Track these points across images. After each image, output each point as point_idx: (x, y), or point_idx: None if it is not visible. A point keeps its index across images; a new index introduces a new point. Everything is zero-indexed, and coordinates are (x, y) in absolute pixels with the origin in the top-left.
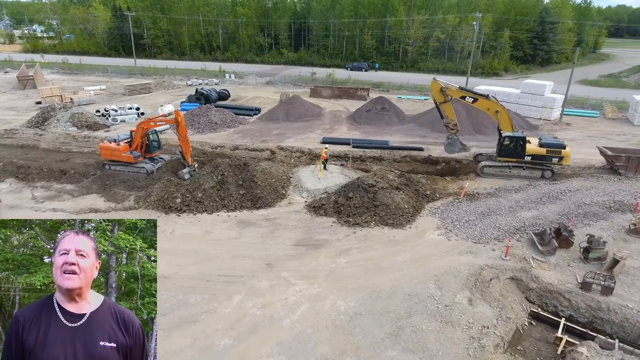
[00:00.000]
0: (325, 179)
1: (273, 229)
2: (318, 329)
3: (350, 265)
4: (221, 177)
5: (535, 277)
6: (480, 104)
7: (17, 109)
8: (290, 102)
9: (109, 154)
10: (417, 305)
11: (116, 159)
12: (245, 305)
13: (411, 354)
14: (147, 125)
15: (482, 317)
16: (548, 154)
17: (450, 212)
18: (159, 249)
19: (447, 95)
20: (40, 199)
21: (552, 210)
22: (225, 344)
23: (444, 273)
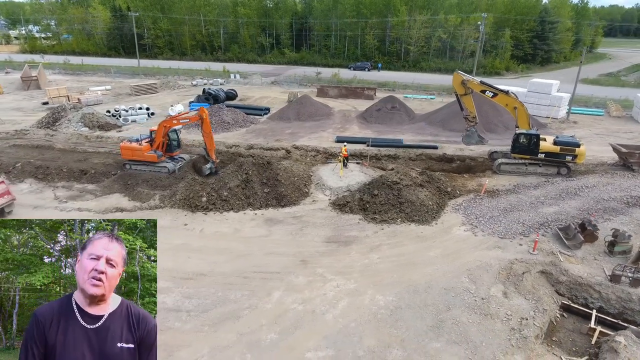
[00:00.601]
0: (346, 177)
1: (301, 227)
2: (361, 323)
3: (383, 261)
4: (245, 176)
5: (564, 271)
6: (499, 99)
7: (24, 110)
8: (301, 102)
9: (130, 154)
10: (455, 298)
11: (138, 159)
12: (286, 301)
13: (456, 346)
14: (170, 124)
15: (519, 309)
16: (562, 152)
17: (473, 208)
18: (192, 247)
19: (467, 88)
20: (63, 199)
21: (572, 206)
22: (272, 339)
23: (475, 267)
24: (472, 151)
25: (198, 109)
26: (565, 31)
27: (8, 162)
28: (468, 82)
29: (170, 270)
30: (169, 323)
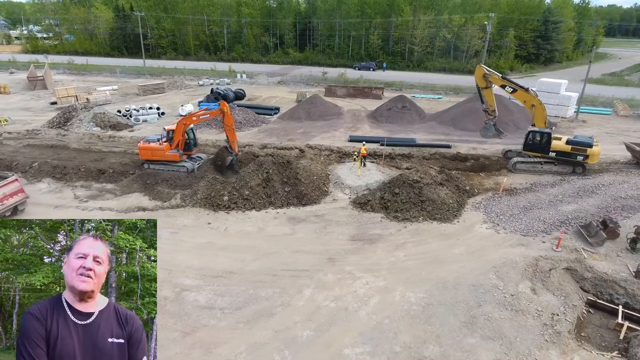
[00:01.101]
0: (364, 176)
1: (325, 225)
2: (395, 319)
3: (409, 258)
4: (266, 175)
5: (589, 267)
6: (518, 95)
7: (33, 110)
8: (311, 102)
9: (150, 154)
10: (484, 295)
11: (159, 159)
12: (317, 298)
13: (491, 341)
14: (190, 121)
15: (549, 305)
16: (572, 151)
17: (493, 206)
18: (218, 245)
19: (488, 82)
20: (83, 199)
21: (590, 204)
22: (307, 335)
23: (501, 264)
24: (485, 150)
25: (219, 103)
26: (567, 31)
27: (24, 161)
28: (489, 75)
29: (198, 269)
30: (204, 321)
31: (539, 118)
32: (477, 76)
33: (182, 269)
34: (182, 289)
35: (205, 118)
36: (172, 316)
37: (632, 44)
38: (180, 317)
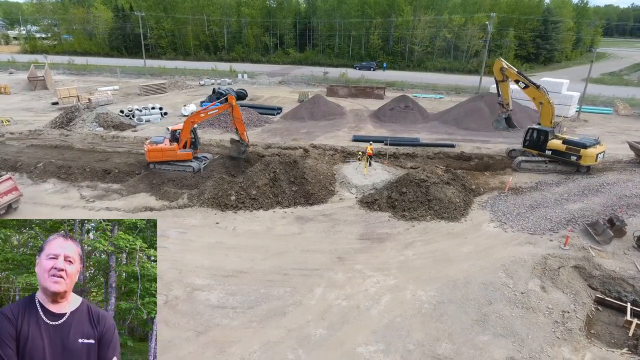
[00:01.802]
0: (370, 176)
1: (333, 224)
2: (407, 318)
3: (419, 257)
4: (273, 175)
5: (597, 265)
6: (529, 91)
7: (34, 110)
8: (314, 101)
9: (160, 155)
10: (494, 293)
11: (170, 159)
12: (329, 297)
13: (503, 339)
14: (198, 118)
15: (559, 303)
16: (567, 150)
17: (499, 205)
18: (227, 245)
19: (505, 76)
20: (90, 199)
21: (596, 203)
22: (320, 334)
23: (510, 263)
24: (489, 149)
25: (226, 96)
26: (566, 31)
27: (29, 162)
28: (506, 70)
29: (208, 268)
30: (216, 320)
31: (545, 116)
32: (495, 69)
33: (192, 269)
34: (194, 289)
35: (214, 113)
36: (185, 315)
37: (630, 43)
38: (192, 317)
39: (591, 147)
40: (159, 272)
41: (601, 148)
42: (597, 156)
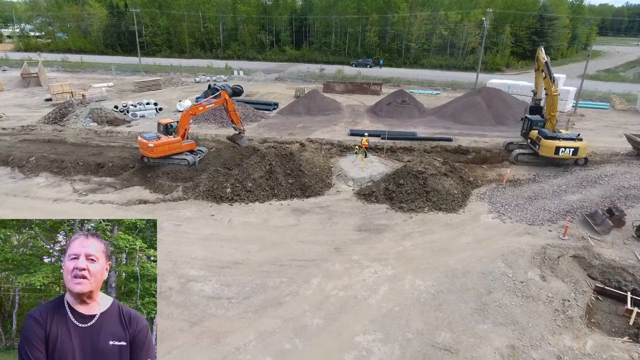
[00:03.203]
0: (367, 168)
1: (330, 216)
2: (405, 307)
3: (417, 247)
4: (269, 167)
5: (597, 255)
6: (545, 82)
7: (28, 106)
8: (310, 97)
9: (167, 148)
10: (494, 282)
11: (177, 151)
12: (326, 287)
13: (503, 327)
14: (197, 111)
15: (559, 292)
16: (536, 140)
17: (497, 197)
18: (222, 237)
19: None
20: (82, 192)
21: (594, 194)
22: (317, 324)
23: (509, 253)
24: (486, 143)
25: (219, 92)
26: (562, 28)
27: (21, 156)
28: (538, 58)
29: (203, 260)
30: (211, 310)
31: (548, 108)
32: (536, 56)
33: (187, 260)
34: (188, 280)
35: (211, 107)
36: (179, 306)
37: (625, 42)
38: (186, 307)
39: (552, 139)
40: None
41: (573, 144)
42: (557, 149)
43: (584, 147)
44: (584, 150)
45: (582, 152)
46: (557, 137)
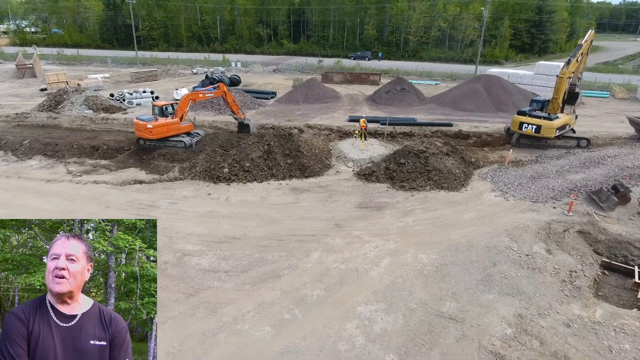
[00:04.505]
0: (367, 150)
1: (329, 195)
2: (408, 279)
3: (419, 223)
4: (267, 147)
5: (603, 230)
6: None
7: (22, 96)
8: (308, 85)
9: (166, 130)
10: (498, 255)
11: (175, 133)
12: (326, 261)
13: (509, 297)
14: (196, 97)
15: (566, 264)
16: None
17: (500, 177)
18: (220, 214)
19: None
20: (76, 173)
21: (598, 173)
22: (318, 295)
23: (513, 228)
24: (487, 128)
25: (217, 85)
26: (560, 22)
27: (14, 140)
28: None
29: (200, 235)
30: (208, 282)
31: (556, 90)
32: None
33: (183, 236)
34: (184, 254)
35: (210, 96)
36: (174, 279)
37: (623, 38)
38: (182, 280)
39: (521, 115)
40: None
41: (537, 121)
42: (521, 124)
43: (547, 126)
44: (547, 129)
45: (546, 131)
46: (525, 114)
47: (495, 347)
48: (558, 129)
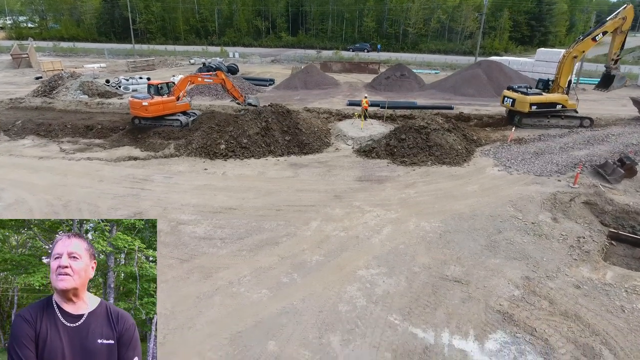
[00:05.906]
0: (366, 129)
1: (329, 169)
2: (410, 245)
3: (421, 195)
4: (265, 124)
5: (609, 200)
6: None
7: (17, 84)
8: (307, 71)
9: (162, 108)
10: (503, 223)
11: (171, 111)
12: (326, 229)
13: (516, 261)
14: (195, 80)
15: (573, 231)
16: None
17: (502, 153)
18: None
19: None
20: (70, 151)
21: (602, 150)
22: (317, 260)
23: (517, 199)
24: (488, 111)
25: (215, 73)
26: (560, 14)
27: (7, 121)
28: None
29: (195, 206)
30: (202, 249)
31: (558, 68)
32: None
33: (178, 207)
34: (179, 223)
35: (208, 82)
36: (167, 246)
37: None
38: (176, 247)
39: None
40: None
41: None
42: (504, 98)
43: (521, 100)
44: (521, 103)
45: (519, 105)
46: (513, 89)
47: (503, 307)
48: (534, 105)
